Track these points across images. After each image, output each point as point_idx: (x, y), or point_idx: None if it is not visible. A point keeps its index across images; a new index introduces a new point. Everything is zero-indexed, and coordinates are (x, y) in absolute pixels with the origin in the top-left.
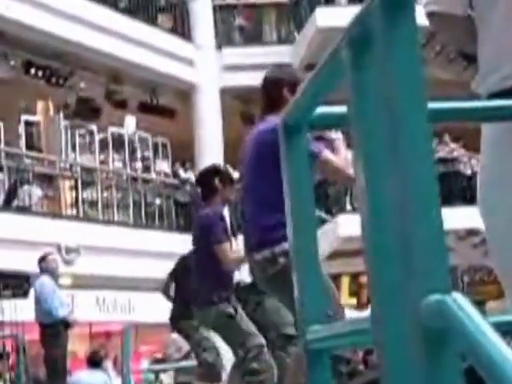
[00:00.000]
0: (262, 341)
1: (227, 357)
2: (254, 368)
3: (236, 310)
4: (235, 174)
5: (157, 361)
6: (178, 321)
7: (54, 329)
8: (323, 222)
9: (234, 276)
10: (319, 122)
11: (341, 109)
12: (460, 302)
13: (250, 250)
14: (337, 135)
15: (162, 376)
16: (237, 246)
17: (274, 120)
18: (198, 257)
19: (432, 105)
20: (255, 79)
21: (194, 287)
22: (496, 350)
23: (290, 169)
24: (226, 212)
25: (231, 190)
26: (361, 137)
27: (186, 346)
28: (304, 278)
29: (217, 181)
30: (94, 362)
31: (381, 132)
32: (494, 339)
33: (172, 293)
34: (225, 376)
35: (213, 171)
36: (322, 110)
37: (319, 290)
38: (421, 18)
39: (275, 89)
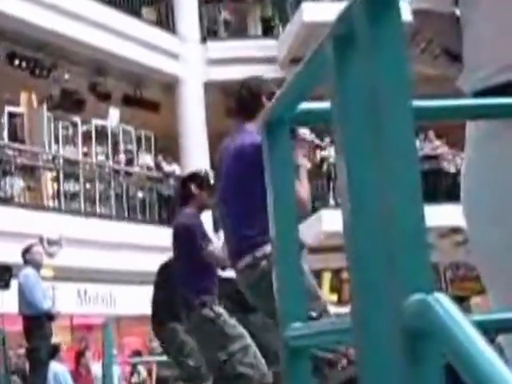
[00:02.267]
0: (247, 342)
1: None
2: (241, 372)
3: (218, 314)
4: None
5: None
6: (162, 326)
7: (37, 321)
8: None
9: (216, 281)
10: (302, 118)
11: (324, 105)
12: (442, 301)
13: (233, 261)
14: (302, 161)
15: (140, 368)
16: (218, 242)
17: (253, 132)
18: (178, 264)
19: (416, 103)
20: (240, 73)
21: (177, 294)
22: (478, 351)
23: (272, 164)
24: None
25: (209, 195)
26: (344, 133)
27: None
28: (284, 274)
29: (193, 186)
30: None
31: (364, 129)
32: (476, 340)
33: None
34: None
35: (190, 177)
36: (305, 106)
37: (300, 288)
38: (406, 15)
39: (254, 96)
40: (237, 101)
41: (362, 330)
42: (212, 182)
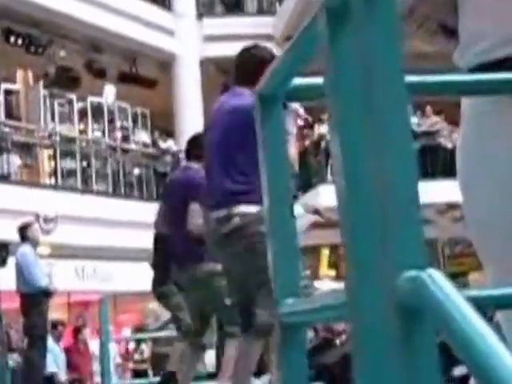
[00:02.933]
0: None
1: None
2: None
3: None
4: None
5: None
6: (158, 286)
7: (35, 298)
8: None
9: None
10: (296, 94)
11: (318, 80)
12: (435, 277)
13: (207, 209)
14: (291, 129)
15: (143, 345)
16: None
17: (246, 95)
18: (179, 217)
19: (410, 77)
20: (236, 50)
21: (179, 248)
22: (472, 327)
23: (266, 140)
24: None
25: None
26: (337, 109)
27: (163, 316)
28: (279, 250)
29: (198, 151)
30: None
31: (357, 104)
32: (470, 316)
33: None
34: None
35: (194, 140)
36: (298, 81)
37: (294, 263)
38: None
39: (250, 64)
40: (237, 63)
41: (356, 307)
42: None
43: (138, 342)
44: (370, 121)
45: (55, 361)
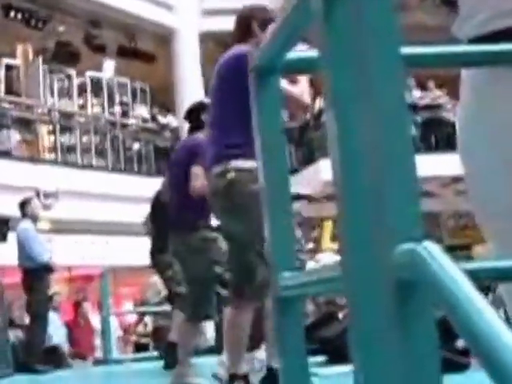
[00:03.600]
0: None
1: None
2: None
3: (216, 235)
4: None
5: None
6: (155, 255)
7: (36, 273)
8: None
9: None
10: (291, 66)
11: (312, 53)
12: (432, 250)
13: (208, 167)
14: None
15: (148, 319)
16: None
17: (240, 48)
18: (181, 182)
19: (406, 49)
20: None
21: (175, 215)
22: (468, 300)
23: (261, 112)
24: None
25: None
26: (332, 81)
27: (164, 290)
28: (275, 223)
29: (204, 116)
30: None
31: (352, 76)
32: (467, 289)
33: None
34: None
35: (200, 107)
36: (293, 54)
37: (290, 236)
38: None
39: (245, 23)
40: (232, 31)
41: (351, 280)
42: None
43: (142, 315)
44: (365, 93)
45: (55, 333)
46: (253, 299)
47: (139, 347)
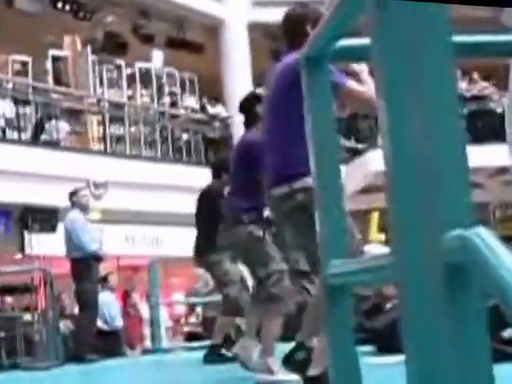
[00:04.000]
0: (284, 267)
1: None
2: (275, 294)
3: (264, 234)
4: None
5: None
6: (202, 255)
7: (85, 263)
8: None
9: (265, 202)
10: (341, 55)
11: (362, 41)
12: (483, 236)
13: (269, 187)
14: (361, 67)
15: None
16: None
17: (294, 55)
18: (236, 178)
19: (459, 38)
20: (283, 14)
21: (225, 209)
22: None
23: (312, 101)
24: None
25: None
26: (384, 72)
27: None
28: (326, 212)
29: (258, 107)
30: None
31: (404, 66)
32: None
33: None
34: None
35: (253, 97)
36: (343, 42)
37: (341, 225)
38: None
39: (298, 26)
40: (282, 32)
41: (403, 267)
42: None
43: (192, 306)
44: (417, 82)
45: (110, 314)
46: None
47: (192, 337)
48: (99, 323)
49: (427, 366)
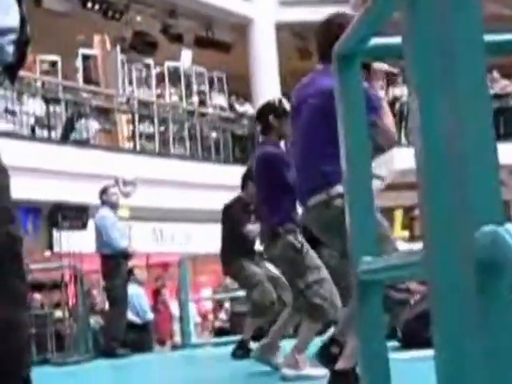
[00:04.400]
0: (325, 275)
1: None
2: (315, 303)
3: (301, 243)
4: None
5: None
6: (225, 264)
7: (114, 259)
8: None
9: (297, 210)
10: (373, 52)
11: (394, 40)
12: None
13: (303, 198)
14: (379, 93)
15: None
16: None
17: (326, 74)
18: (262, 192)
19: (489, 37)
20: (311, 14)
21: (261, 222)
22: None
23: (343, 99)
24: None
25: (286, 124)
26: (416, 71)
27: None
28: (357, 209)
29: (271, 117)
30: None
31: (436, 65)
32: None
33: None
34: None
35: (267, 108)
36: (375, 41)
37: (371, 222)
38: None
39: (333, 34)
40: (317, 41)
41: (434, 263)
42: (288, 108)
43: (221, 301)
44: (448, 81)
45: (141, 306)
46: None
47: (220, 332)
48: (130, 316)
49: (457, 361)
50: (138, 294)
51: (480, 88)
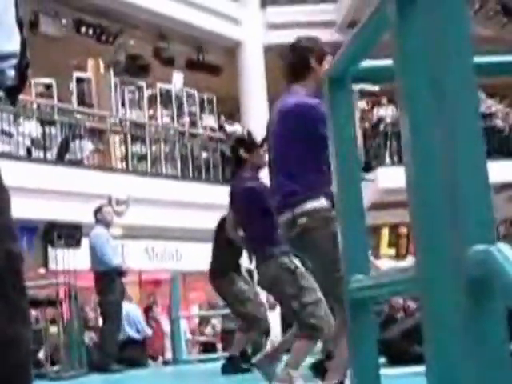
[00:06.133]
0: (319, 296)
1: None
2: (312, 323)
3: (295, 265)
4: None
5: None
6: (215, 280)
7: (108, 276)
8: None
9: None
10: (364, 75)
11: (384, 62)
12: (505, 251)
13: (277, 216)
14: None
15: (214, 321)
16: None
17: (299, 93)
18: (249, 222)
19: (477, 59)
20: (289, 45)
21: (252, 244)
22: None
23: (335, 121)
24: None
25: (259, 155)
26: (406, 90)
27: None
28: (348, 228)
29: (242, 151)
30: None
31: (426, 85)
32: None
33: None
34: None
35: (237, 142)
36: (365, 64)
37: (362, 240)
38: None
39: (302, 56)
40: (286, 64)
41: (426, 280)
42: (258, 141)
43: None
44: (439, 101)
45: (140, 322)
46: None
47: (207, 348)
48: (131, 332)
49: (448, 377)
50: (134, 311)
51: (471, 107)
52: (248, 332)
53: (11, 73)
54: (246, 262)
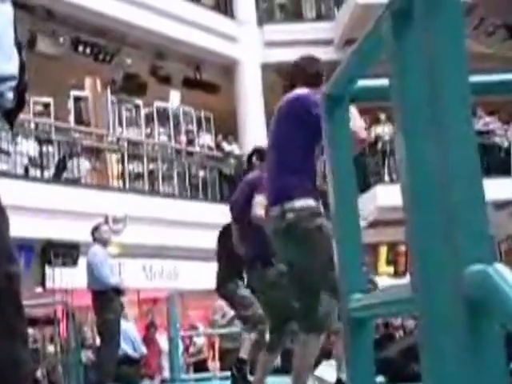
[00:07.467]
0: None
1: None
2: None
3: None
4: None
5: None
6: (222, 287)
7: (105, 295)
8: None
9: None
10: (361, 95)
11: (381, 82)
12: (502, 272)
13: (268, 209)
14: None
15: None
16: None
17: (299, 90)
18: (250, 228)
19: (472, 78)
20: (295, 55)
21: (249, 250)
22: None
23: (332, 138)
24: None
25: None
26: (402, 109)
27: (230, 313)
28: (345, 247)
29: (254, 158)
30: None
31: (422, 103)
32: None
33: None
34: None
35: (253, 151)
36: (363, 82)
37: (360, 259)
38: None
39: (299, 75)
40: (289, 79)
41: (423, 300)
42: None
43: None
44: (435, 120)
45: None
46: (318, 329)
47: (197, 367)
48: (128, 350)
49: None
50: (131, 329)
51: (466, 125)
52: (257, 327)
53: (10, 95)
54: None
